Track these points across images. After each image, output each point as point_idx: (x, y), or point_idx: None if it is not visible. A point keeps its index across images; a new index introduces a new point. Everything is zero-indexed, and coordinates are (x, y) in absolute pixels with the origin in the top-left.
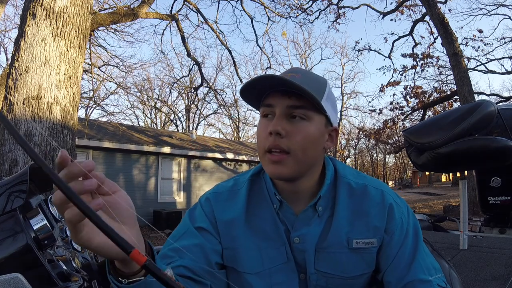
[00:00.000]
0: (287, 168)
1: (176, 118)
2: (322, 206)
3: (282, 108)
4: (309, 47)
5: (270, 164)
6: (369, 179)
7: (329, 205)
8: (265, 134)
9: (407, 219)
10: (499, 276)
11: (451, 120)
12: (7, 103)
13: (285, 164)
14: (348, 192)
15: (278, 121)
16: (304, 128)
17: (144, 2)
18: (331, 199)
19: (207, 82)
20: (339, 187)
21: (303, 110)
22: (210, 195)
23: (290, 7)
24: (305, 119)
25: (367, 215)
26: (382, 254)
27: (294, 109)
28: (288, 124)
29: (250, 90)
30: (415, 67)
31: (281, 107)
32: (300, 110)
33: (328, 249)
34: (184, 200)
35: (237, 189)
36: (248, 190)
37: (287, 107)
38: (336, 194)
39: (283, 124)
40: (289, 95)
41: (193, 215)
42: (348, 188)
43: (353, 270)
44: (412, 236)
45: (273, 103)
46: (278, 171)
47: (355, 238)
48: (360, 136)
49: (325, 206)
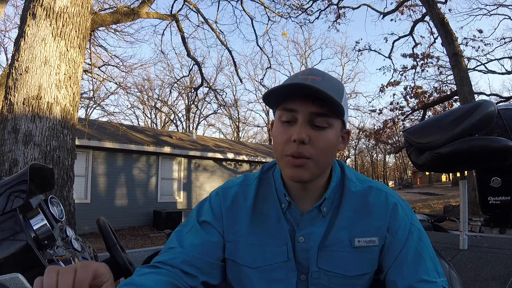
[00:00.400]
0: (308, 172)
1: (176, 118)
2: (326, 207)
3: (306, 115)
4: (309, 47)
5: (290, 167)
6: (374, 182)
7: (333, 205)
8: (285, 139)
9: (410, 221)
10: (499, 276)
11: (451, 120)
12: (7, 103)
13: (306, 169)
14: (353, 193)
15: (302, 129)
16: (326, 135)
17: (144, 2)
18: (336, 200)
19: (207, 82)
20: (346, 189)
21: (326, 118)
22: (220, 189)
23: (290, 7)
24: (327, 126)
25: (369, 215)
26: (385, 254)
27: (317, 117)
28: (311, 131)
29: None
30: (415, 67)
31: (304, 113)
32: (323, 118)
33: (330, 247)
34: (184, 200)
35: (247, 184)
36: (257, 187)
37: (310, 114)
38: (342, 195)
39: (307, 131)
40: (313, 100)
41: (201, 209)
42: (353, 190)
43: (355, 269)
44: (416, 237)
45: (296, 108)
46: (299, 175)
47: (357, 236)
48: (360, 136)
49: (329, 207)
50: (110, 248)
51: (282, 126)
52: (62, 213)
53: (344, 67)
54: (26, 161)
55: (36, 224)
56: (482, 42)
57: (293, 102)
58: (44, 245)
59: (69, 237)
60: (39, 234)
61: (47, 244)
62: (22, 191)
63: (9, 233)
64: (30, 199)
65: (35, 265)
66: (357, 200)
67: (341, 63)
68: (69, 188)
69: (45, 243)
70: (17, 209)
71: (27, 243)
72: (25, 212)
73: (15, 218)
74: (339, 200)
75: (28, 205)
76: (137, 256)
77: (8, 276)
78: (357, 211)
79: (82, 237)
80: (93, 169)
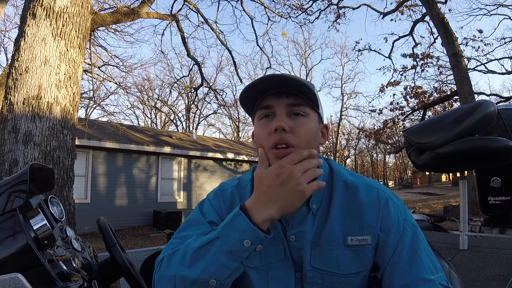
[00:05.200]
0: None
1: (176, 118)
2: (316, 203)
3: (282, 107)
4: (309, 47)
5: (277, 159)
6: (365, 178)
7: (323, 202)
8: (267, 132)
9: (404, 216)
10: (499, 276)
11: (451, 120)
12: (7, 103)
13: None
14: (343, 189)
15: (282, 118)
16: (305, 123)
17: (144, 2)
18: (326, 196)
19: (207, 82)
20: (335, 185)
21: (302, 107)
22: (218, 191)
23: (290, 7)
24: (304, 115)
25: (361, 213)
26: (380, 252)
27: (294, 107)
28: (290, 121)
29: (248, 95)
30: (415, 67)
31: (280, 106)
32: (299, 107)
33: (323, 246)
34: (185, 200)
35: (242, 187)
36: (251, 189)
37: (286, 106)
38: (332, 192)
39: (286, 121)
40: (287, 95)
41: (203, 209)
42: (343, 185)
43: (349, 267)
44: (410, 233)
45: (272, 104)
46: None
47: (350, 235)
48: (360, 136)
49: (319, 204)
50: (110, 248)
51: (262, 123)
52: (62, 213)
53: (344, 67)
54: (26, 161)
55: (36, 224)
56: (482, 42)
57: (268, 99)
58: (44, 245)
59: (69, 237)
60: (39, 234)
61: (47, 244)
62: (22, 191)
63: (9, 233)
64: (30, 199)
65: (35, 265)
66: (348, 196)
67: (341, 63)
68: (69, 188)
69: (45, 243)
70: (17, 209)
71: (27, 243)
72: (25, 212)
73: (15, 218)
74: (329, 197)
75: (28, 205)
76: (137, 256)
77: (8, 276)
78: (348, 209)
79: (82, 237)
80: (93, 169)
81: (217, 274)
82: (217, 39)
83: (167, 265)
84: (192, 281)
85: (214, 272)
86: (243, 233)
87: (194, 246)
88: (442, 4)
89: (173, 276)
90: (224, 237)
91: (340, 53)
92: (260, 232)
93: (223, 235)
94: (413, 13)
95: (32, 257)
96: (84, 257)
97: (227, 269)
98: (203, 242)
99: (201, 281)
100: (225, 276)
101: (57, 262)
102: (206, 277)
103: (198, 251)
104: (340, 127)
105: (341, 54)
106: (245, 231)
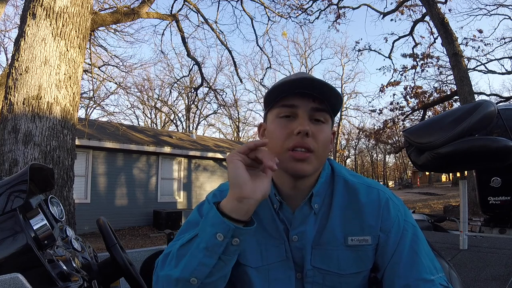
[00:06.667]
0: (311, 166)
1: (176, 118)
2: (317, 203)
3: (307, 110)
4: (309, 47)
5: (293, 161)
6: (365, 179)
7: (325, 202)
8: (286, 133)
9: (404, 217)
10: (499, 276)
11: (451, 120)
12: (7, 103)
13: (309, 162)
14: (344, 188)
15: (305, 122)
16: (324, 130)
17: (144, 2)
18: (327, 197)
19: (207, 82)
20: (336, 184)
21: (324, 114)
22: (217, 192)
23: (290, 7)
24: (324, 122)
25: (362, 213)
26: (381, 253)
27: (317, 112)
28: (311, 126)
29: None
30: (415, 67)
31: (305, 109)
32: (322, 113)
33: (324, 245)
34: (185, 200)
35: None
36: None
37: (311, 109)
38: (333, 191)
39: (310, 125)
40: (313, 98)
41: (201, 211)
42: (344, 185)
43: (349, 267)
44: (410, 234)
45: (297, 104)
46: (302, 168)
47: (351, 235)
48: (360, 136)
49: (321, 204)
50: (110, 248)
51: (282, 122)
52: (62, 213)
53: (344, 67)
54: (26, 161)
55: (36, 224)
56: (482, 42)
57: (293, 98)
58: (44, 245)
59: (69, 237)
60: (39, 234)
61: (47, 244)
62: (22, 191)
63: (9, 233)
64: (30, 199)
65: (35, 265)
66: (349, 196)
67: (341, 63)
68: (69, 188)
69: (45, 243)
70: (17, 209)
71: (27, 243)
72: (25, 212)
73: (15, 218)
74: (330, 197)
75: (28, 205)
76: (137, 256)
77: (8, 276)
78: (349, 209)
79: (82, 237)
80: (93, 169)
81: (196, 273)
82: (217, 39)
83: (161, 265)
84: (176, 280)
85: (193, 270)
86: (215, 226)
87: (178, 245)
88: (442, 4)
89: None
90: (201, 233)
91: (340, 53)
92: (230, 223)
93: (201, 231)
94: (413, 13)
95: (32, 257)
96: (84, 257)
97: (205, 267)
98: (184, 241)
99: (183, 280)
100: (205, 274)
101: (57, 262)
102: (187, 276)
103: (181, 250)
104: (340, 127)
105: (341, 54)
106: (216, 223)
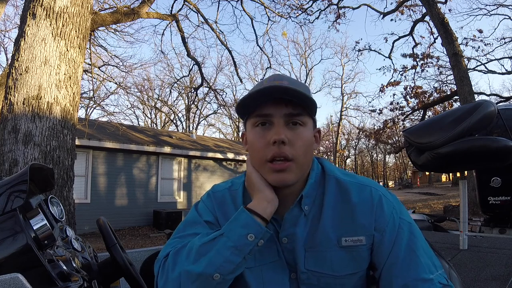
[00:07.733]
0: (292, 175)
1: (176, 118)
2: (308, 205)
3: (281, 117)
4: (309, 47)
5: (273, 173)
6: (358, 177)
7: (316, 203)
8: (264, 143)
9: (399, 215)
10: (499, 276)
11: (451, 120)
12: (7, 103)
13: (289, 171)
14: (336, 188)
15: (281, 129)
16: (303, 134)
17: (144, 2)
18: (318, 197)
19: (207, 82)
20: (327, 184)
21: (300, 117)
22: (211, 193)
23: (290, 7)
24: (302, 125)
25: (354, 213)
26: (377, 252)
27: (293, 117)
28: (288, 132)
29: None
30: (415, 67)
31: (279, 115)
32: (298, 117)
33: (317, 247)
34: (185, 200)
35: (234, 189)
36: (243, 192)
37: (285, 115)
38: (325, 192)
39: (285, 131)
40: (286, 103)
41: (198, 210)
42: (336, 184)
43: (344, 268)
44: (406, 232)
45: (271, 112)
46: (283, 178)
47: (344, 236)
48: (360, 136)
49: (311, 205)
50: (110, 248)
51: (258, 131)
52: (62, 213)
53: (344, 67)
54: (26, 161)
55: (36, 224)
56: (482, 42)
57: (266, 107)
58: (44, 245)
59: (69, 237)
60: (39, 234)
61: (47, 244)
62: (22, 191)
63: (9, 233)
64: (30, 199)
65: (35, 265)
66: (341, 196)
67: (341, 63)
68: (69, 188)
69: (45, 243)
70: (17, 209)
71: (27, 243)
72: (25, 212)
73: (15, 218)
74: (321, 198)
75: (28, 205)
76: (137, 256)
77: (8, 276)
78: (341, 209)
79: (82, 237)
80: (93, 169)
81: (221, 269)
82: (217, 39)
83: (172, 264)
84: (197, 276)
85: (218, 266)
86: (247, 228)
87: (199, 243)
88: (442, 4)
89: (178, 275)
90: (229, 233)
91: (340, 53)
92: (263, 226)
93: (227, 231)
94: (413, 13)
95: (32, 257)
96: (84, 257)
97: (231, 264)
98: (208, 239)
99: (205, 275)
100: (229, 271)
101: (57, 262)
102: (211, 272)
103: (203, 247)
104: (340, 127)
105: (341, 54)
106: (248, 225)
